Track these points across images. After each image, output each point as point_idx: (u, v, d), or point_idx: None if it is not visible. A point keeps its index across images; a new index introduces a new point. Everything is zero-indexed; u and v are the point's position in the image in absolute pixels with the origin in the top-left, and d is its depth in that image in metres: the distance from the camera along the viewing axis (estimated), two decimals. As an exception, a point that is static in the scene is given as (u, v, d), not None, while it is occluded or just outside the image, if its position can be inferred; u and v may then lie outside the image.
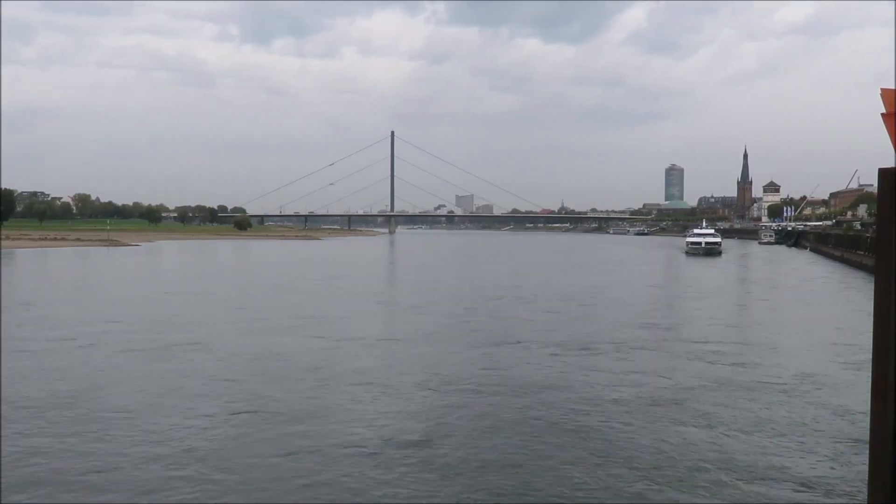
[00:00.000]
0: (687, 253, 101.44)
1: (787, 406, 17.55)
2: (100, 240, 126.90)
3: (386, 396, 18.31)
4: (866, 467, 3.65)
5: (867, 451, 3.65)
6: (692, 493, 12.10)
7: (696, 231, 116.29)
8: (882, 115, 3.53)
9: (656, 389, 19.01)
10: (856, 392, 18.40)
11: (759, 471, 13.05)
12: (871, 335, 3.55)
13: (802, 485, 12.45)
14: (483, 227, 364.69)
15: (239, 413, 16.52)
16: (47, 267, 72.86)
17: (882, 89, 3.54)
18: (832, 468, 13.24)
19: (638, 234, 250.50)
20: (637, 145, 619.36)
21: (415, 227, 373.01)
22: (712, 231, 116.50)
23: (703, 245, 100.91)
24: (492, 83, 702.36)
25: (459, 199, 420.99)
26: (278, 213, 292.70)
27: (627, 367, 21.87)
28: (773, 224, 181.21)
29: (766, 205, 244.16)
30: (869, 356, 3.66)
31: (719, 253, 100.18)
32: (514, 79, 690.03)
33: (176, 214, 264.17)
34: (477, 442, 14.58)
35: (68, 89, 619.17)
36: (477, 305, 37.77)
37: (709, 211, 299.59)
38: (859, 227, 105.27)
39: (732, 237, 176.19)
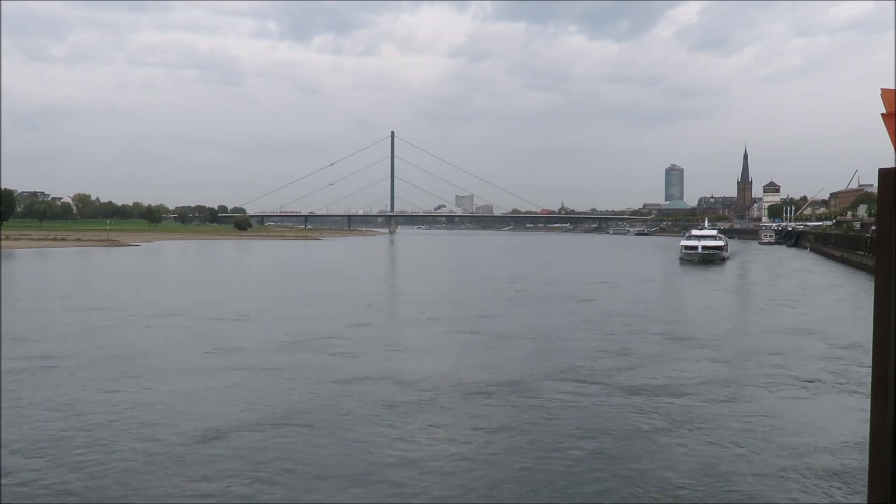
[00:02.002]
0: (681, 260, 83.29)
1: (788, 406, 17.57)
2: (100, 240, 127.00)
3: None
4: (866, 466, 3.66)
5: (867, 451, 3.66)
6: (693, 491, 12.13)
7: (693, 232, 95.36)
8: (882, 115, 3.53)
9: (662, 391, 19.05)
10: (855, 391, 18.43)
11: (759, 470, 13.06)
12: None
13: (804, 484, 12.46)
14: (483, 228, 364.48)
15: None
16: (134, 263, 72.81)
17: (882, 89, 3.54)
18: (833, 467, 13.24)
19: (638, 234, 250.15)
20: (658, 145, 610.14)
21: (415, 227, 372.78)
22: (714, 232, 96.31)
23: (699, 250, 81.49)
24: (527, 81, 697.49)
25: (459, 200, 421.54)
26: (278, 213, 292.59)
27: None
28: (773, 224, 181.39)
29: (766, 205, 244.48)
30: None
31: (722, 260, 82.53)
32: (551, 77, 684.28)
33: (176, 215, 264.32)
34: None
35: (94, 88, 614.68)
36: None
37: (709, 211, 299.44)
38: (859, 228, 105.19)
39: (733, 237, 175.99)
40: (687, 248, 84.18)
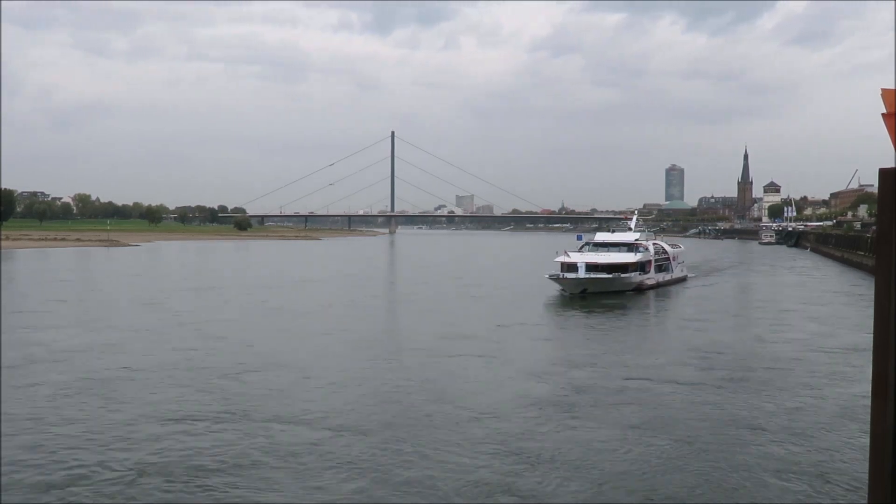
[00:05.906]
0: (561, 291, 46.68)
1: (788, 406, 17.55)
2: (100, 240, 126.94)
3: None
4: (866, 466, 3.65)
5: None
6: (696, 491, 12.11)
7: (597, 238, 56.43)
8: (882, 115, 3.54)
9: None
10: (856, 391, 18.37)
11: (760, 470, 13.05)
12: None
13: (804, 484, 12.45)
14: (483, 228, 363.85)
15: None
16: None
17: (882, 89, 3.54)
18: (834, 466, 13.23)
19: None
20: (664, 144, 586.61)
21: (414, 227, 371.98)
22: (632, 238, 54.66)
23: (580, 274, 47.02)
24: (597, 77, 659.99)
25: (459, 200, 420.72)
26: (278, 214, 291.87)
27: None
28: (774, 224, 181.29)
29: (767, 205, 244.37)
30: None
31: (638, 289, 49.61)
32: (624, 72, 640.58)
33: (176, 215, 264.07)
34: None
35: (140, 85, 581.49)
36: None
37: (709, 211, 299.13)
38: (859, 228, 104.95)
39: (733, 237, 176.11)
40: (565, 267, 48.58)
